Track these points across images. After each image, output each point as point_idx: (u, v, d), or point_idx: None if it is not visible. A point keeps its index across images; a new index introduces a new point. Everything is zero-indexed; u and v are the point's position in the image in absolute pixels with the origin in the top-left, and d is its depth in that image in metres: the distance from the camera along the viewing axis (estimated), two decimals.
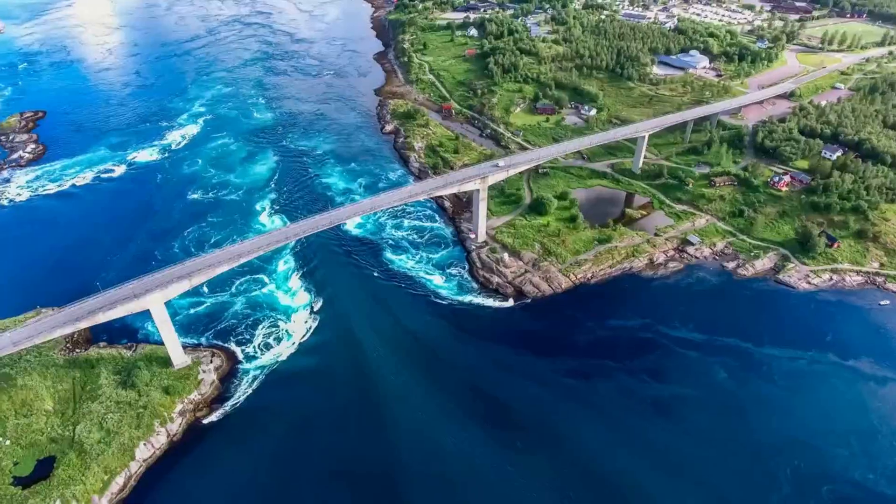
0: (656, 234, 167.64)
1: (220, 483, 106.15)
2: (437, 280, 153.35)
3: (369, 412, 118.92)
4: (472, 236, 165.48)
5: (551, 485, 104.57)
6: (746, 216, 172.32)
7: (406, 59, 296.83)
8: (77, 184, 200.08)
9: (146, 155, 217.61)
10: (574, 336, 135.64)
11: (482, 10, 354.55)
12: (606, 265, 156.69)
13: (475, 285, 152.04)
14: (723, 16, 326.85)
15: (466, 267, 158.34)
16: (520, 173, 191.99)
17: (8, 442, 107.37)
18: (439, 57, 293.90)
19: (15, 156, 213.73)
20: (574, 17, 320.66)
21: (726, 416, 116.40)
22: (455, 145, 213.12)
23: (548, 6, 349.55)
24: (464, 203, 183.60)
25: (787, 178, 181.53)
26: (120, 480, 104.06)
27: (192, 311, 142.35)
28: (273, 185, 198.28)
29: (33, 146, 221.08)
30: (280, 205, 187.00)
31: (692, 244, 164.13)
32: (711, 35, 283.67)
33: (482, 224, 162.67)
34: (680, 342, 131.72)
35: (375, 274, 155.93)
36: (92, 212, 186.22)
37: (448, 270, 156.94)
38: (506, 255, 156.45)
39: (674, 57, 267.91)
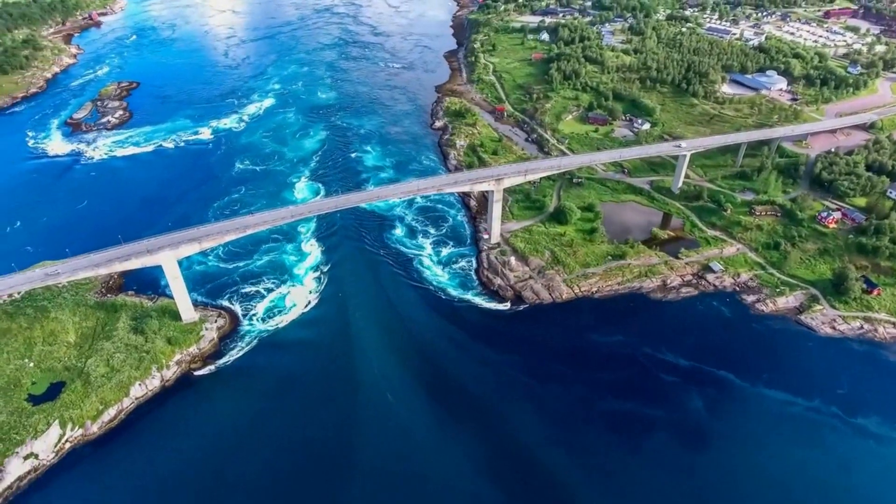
0: (677, 257, 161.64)
1: (198, 427, 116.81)
2: (441, 274, 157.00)
3: (345, 386, 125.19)
4: (485, 236, 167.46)
5: (485, 467, 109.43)
6: (782, 249, 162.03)
7: (473, 58, 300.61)
8: (151, 149, 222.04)
9: (217, 126, 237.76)
10: (554, 344, 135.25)
11: (561, 14, 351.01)
12: (615, 281, 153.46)
13: (477, 285, 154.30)
14: (819, 36, 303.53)
15: (474, 266, 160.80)
16: (552, 180, 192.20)
17: (31, 364, 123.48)
18: (506, 59, 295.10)
19: (104, 119, 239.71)
20: (653, 29, 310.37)
21: (682, 441, 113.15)
22: (495, 147, 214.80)
23: (629, 15, 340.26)
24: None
25: (836, 215, 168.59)
26: (112, 412, 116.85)
27: (210, 271, 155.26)
28: (316, 159, 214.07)
29: (121, 112, 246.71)
30: (317, 177, 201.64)
31: (713, 271, 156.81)
32: (796, 56, 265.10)
33: (496, 225, 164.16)
34: (661, 365, 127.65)
35: (384, 258, 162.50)
36: (157, 174, 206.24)
37: (455, 266, 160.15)
38: (512, 259, 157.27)
39: (748, 76, 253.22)
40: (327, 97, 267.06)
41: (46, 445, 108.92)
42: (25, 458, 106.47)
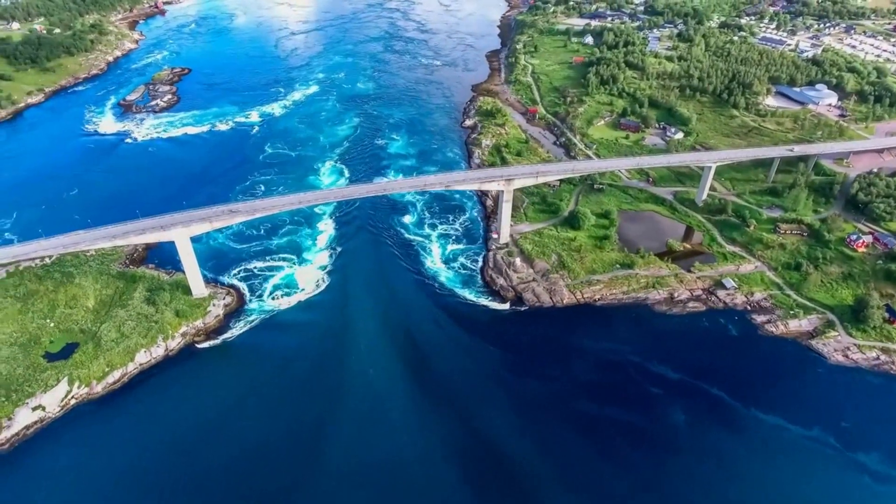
0: (689, 271, 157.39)
1: (193, 395, 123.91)
2: (446, 271, 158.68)
3: (336, 369, 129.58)
4: (495, 236, 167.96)
5: (456, 454, 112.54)
6: (803, 271, 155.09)
7: (514, 59, 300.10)
8: (194, 132, 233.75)
9: (259, 112, 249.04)
10: (544, 346, 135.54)
11: (609, 18, 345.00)
12: (619, 290, 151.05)
13: (481, 284, 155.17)
14: (883, 51, 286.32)
15: (480, 264, 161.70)
16: (572, 184, 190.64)
17: (52, 324, 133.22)
18: (546, 61, 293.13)
19: (153, 103, 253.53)
20: (703, 36, 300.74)
21: (656, 451, 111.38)
22: (521, 148, 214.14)
23: (679, 21, 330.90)
24: None
25: (867, 239, 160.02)
26: (117, 374, 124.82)
27: (225, 250, 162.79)
28: (346, 144, 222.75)
29: (170, 97, 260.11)
30: (343, 161, 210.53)
31: (725, 288, 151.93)
32: (852, 70, 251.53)
33: (505, 226, 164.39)
34: (648, 375, 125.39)
35: (394, 249, 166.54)
36: (197, 155, 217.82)
37: (461, 264, 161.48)
38: (517, 260, 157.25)
39: (796, 89, 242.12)
40: (366, 87, 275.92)
41: (54, 399, 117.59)
42: (34, 409, 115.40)
